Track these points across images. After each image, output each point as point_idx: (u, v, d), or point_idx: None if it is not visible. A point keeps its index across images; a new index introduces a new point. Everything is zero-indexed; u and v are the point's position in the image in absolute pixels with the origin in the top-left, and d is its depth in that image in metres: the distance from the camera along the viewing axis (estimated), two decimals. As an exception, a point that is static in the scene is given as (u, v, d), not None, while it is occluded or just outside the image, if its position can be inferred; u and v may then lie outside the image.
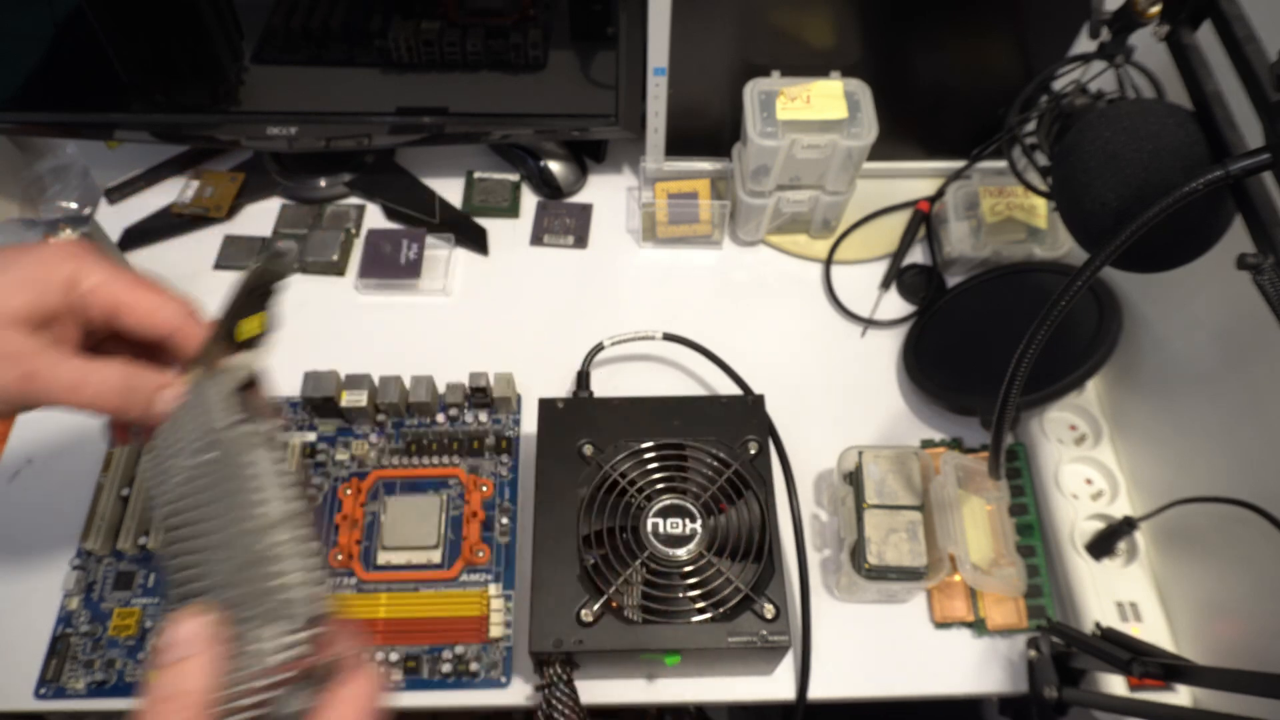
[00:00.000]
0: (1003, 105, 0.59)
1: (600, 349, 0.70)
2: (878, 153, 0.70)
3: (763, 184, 0.73)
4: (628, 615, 0.53)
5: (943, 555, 0.59)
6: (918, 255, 0.80)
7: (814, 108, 0.69)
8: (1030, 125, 0.56)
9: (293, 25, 0.69)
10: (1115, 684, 0.55)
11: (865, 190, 0.79)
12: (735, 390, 0.70)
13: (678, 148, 0.79)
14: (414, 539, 0.62)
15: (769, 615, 0.53)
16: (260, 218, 0.82)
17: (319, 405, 0.67)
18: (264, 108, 0.75)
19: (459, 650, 0.59)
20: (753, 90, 0.71)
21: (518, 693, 0.59)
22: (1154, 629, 0.58)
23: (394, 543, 0.62)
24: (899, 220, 0.81)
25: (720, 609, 0.53)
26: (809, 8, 0.69)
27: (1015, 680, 0.60)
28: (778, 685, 0.60)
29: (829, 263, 0.79)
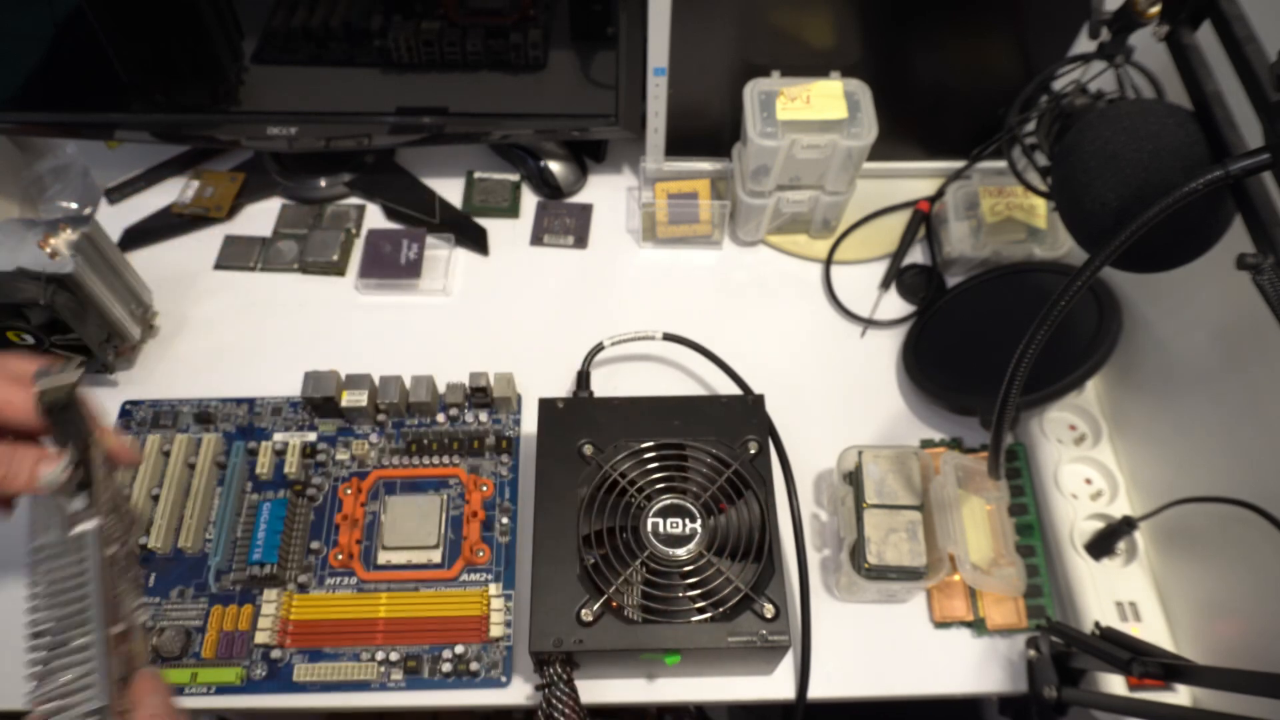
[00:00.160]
0: (1003, 105, 0.59)
1: (600, 349, 0.70)
2: (878, 153, 0.71)
3: (763, 184, 0.73)
4: (628, 615, 0.53)
5: (942, 555, 0.59)
6: (918, 255, 0.80)
7: (814, 108, 0.69)
8: (1030, 125, 0.56)
9: (293, 25, 0.69)
10: (1115, 684, 0.55)
11: (865, 190, 0.79)
12: (735, 390, 0.70)
13: (678, 148, 0.79)
14: (414, 539, 0.62)
15: (769, 615, 0.53)
16: (260, 218, 0.82)
17: (319, 405, 0.67)
18: (264, 108, 0.75)
19: (459, 650, 0.59)
20: (753, 90, 0.71)
21: (518, 692, 0.59)
22: (1154, 629, 0.58)
23: (394, 542, 0.62)
24: (899, 220, 0.81)
25: (720, 609, 0.53)
26: (809, 8, 0.69)
27: (1015, 680, 0.60)
28: (778, 685, 0.60)
29: (829, 263, 0.79)
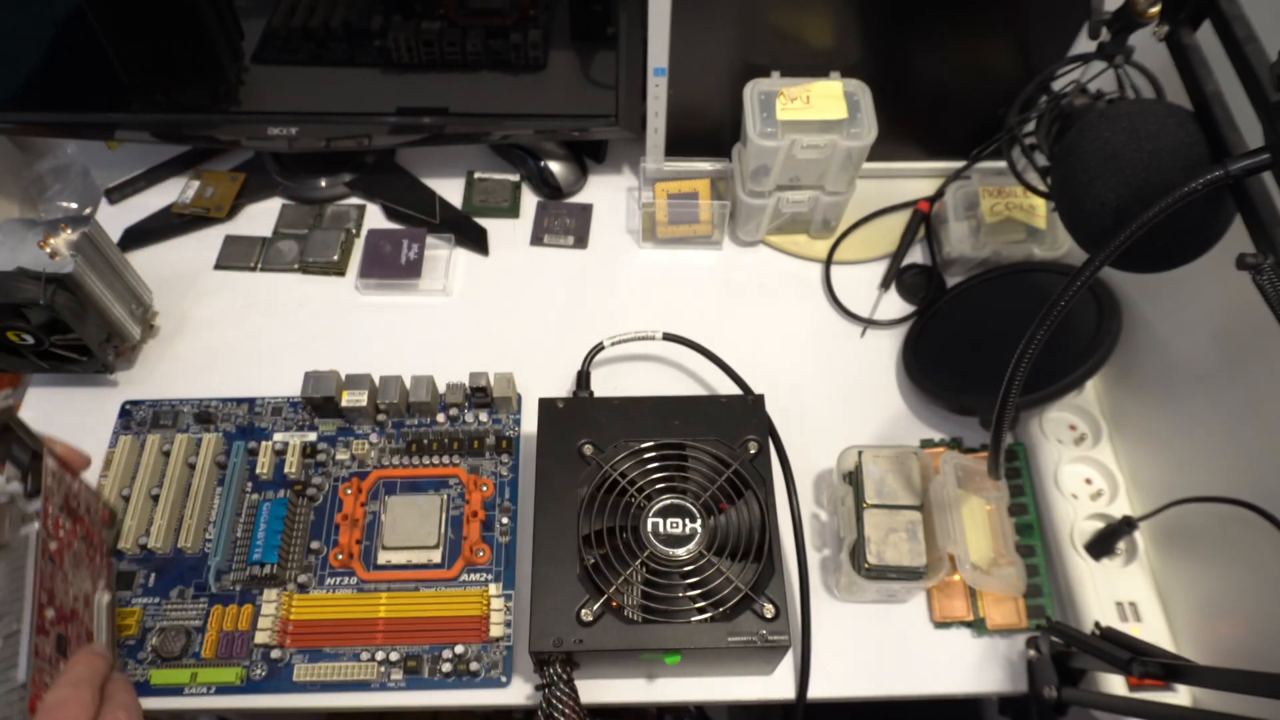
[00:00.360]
0: (1003, 105, 0.59)
1: (600, 349, 0.70)
2: (877, 153, 0.71)
3: (763, 184, 0.73)
4: (628, 615, 0.53)
5: (942, 555, 0.59)
6: (917, 255, 0.80)
7: (814, 108, 0.69)
8: (1030, 125, 0.56)
9: (293, 25, 0.69)
10: (1115, 684, 0.55)
11: (865, 190, 0.79)
12: (735, 390, 0.70)
13: (678, 148, 0.79)
14: (414, 539, 0.62)
15: (769, 615, 0.53)
16: (261, 218, 0.82)
17: (319, 405, 0.67)
18: (264, 108, 0.75)
19: (459, 650, 0.59)
20: (753, 90, 0.71)
21: (518, 692, 0.59)
22: (1154, 629, 0.58)
23: (394, 542, 0.62)
24: (899, 220, 0.81)
25: (720, 609, 0.53)
26: (809, 8, 0.69)
27: (1015, 680, 0.60)
28: (778, 685, 0.60)
29: (829, 263, 0.79)
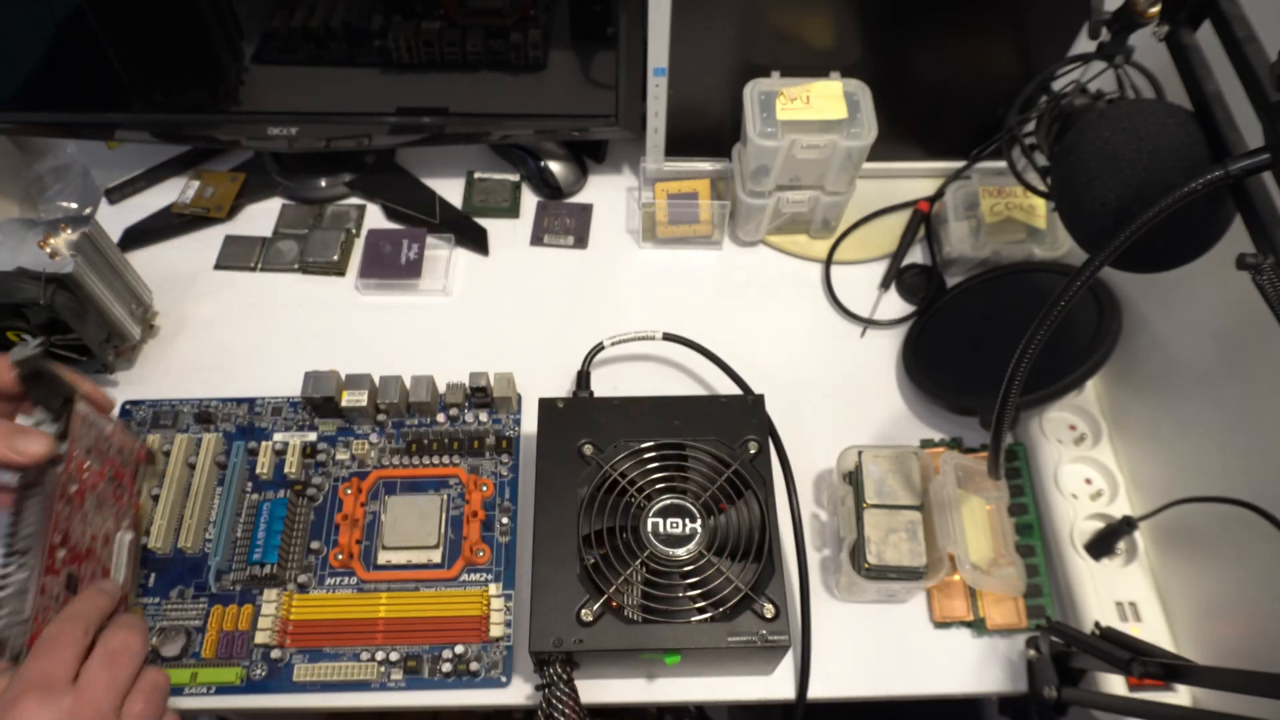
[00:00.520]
0: (1003, 105, 0.59)
1: (600, 349, 0.70)
2: (877, 153, 0.70)
3: (763, 184, 0.73)
4: (628, 615, 0.53)
5: (942, 555, 0.59)
6: (917, 255, 0.80)
7: (814, 108, 0.69)
8: (1030, 125, 0.56)
9: (293, 25, 0.69)
10: (1115, 684, 0.55)
11: (865, 190, 0.79)
12: (735, 390, 0.70)
13: (678, 148, 0.79)
14: (414, 539, 0.62)
15: (769, 615, 0.53)
16: (261, 218, 0.82)
17: (319, 405, 0.67)
18: (264, 108, 0.75)
19: (459, 650, 0.59)
20: (753, 90, 0.71)
21: (518, 692, 0.59)
22: (1154, 629, 0.58)
23: (394, 542, 0.62)
24: (899, 220, 0.81)
25: (720, 609, 0.53)
26: (809, 8, 0.69)
27: (1015, 680, 0.60)
28: (778, 685, 0.60)
29: (829, 263, 0.79)
